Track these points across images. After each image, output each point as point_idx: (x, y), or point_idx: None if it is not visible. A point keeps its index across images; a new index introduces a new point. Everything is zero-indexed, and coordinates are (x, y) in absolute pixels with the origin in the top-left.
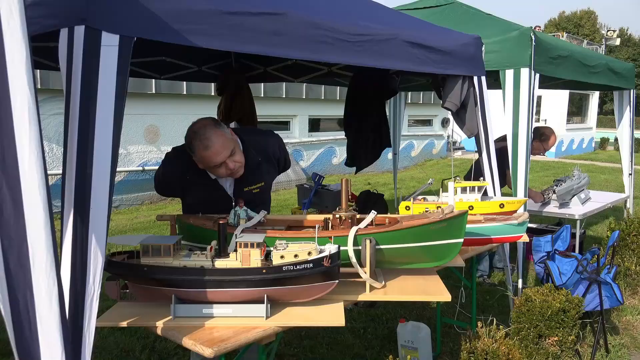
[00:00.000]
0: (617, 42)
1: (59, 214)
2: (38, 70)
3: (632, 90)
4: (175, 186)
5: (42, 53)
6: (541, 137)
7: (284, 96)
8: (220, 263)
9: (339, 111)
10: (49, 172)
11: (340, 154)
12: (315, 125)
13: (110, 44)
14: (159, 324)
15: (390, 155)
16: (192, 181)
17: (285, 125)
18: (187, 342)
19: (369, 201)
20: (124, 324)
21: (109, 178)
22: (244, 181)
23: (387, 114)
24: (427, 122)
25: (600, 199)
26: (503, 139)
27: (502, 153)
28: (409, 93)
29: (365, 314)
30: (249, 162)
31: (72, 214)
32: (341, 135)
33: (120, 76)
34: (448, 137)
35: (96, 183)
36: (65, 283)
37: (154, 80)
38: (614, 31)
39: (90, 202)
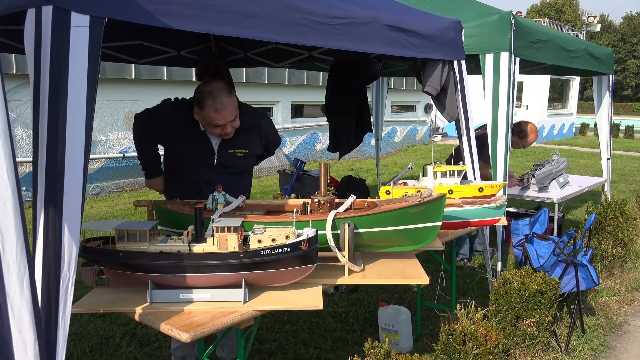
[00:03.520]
0: (598, 28)
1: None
2: (12, 55)
3: (610, 76)
4: (164, 123)
5: (17, 37)
6: (520, 134)
7: (266, 82)
8: (197, 248)
9: (322, 97)
10: (27, 158)
11: (324, 140)
12: (298, 111)
13: (80, 24)
14: (136, 310)
15: (373, 141)
16: (184, 125)
17: (267, 111)
18: (164, 328)
19: (350, 186)
20: (100, 310)
21: (83, 164)
22: (230, 142)
23: (370, 99)
24: (410, 108)
25: (578, 183)
26: (482, 127)
27: (478, 142)
28: (392, 79)
29: (347, 298)
30: (243, 124)
31: (45, 201)
32: (324, 121)
33: (92, 59)
34: (431, 122)
35: (69, 169)
36: (38, 269)
37: (133, 65)
38: (595, 17)
39: (64, 188)
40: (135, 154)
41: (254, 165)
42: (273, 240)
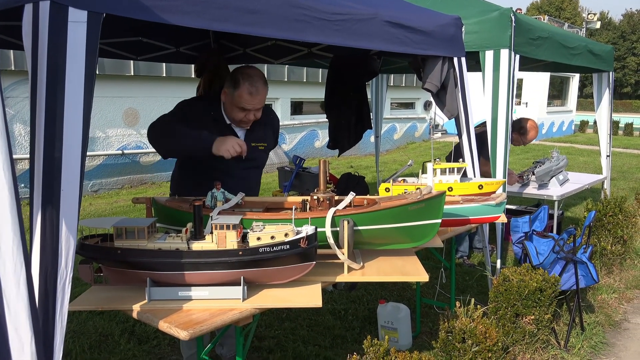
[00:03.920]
0: (598, 25)
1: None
2: (11, 51)
3: (610, 73)
4: (192, 115)
5: (15, 33)
6: (520, 131)
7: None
8: (196, 245)
9: (321, 94)
10: (26, 155)
11: (323, 137)
12: (297, 108)
13: (77, 20)
14: (134, 308)
15: (372, 138)
16: (212, 118)
17: None
18: (163, 325)
19: (349, 183)
20: (98, 307)
21: (80, 160)
22: (254, 135)
23: (369, 96)
24: (410, 105)
25: (578, 180)
26: (482, 124)
27: (478, 139)
28: (391, 76)
29: (346, 296)
30: (261, 118)
31: (42, 198)
32: (324, 118)
33: (90, 55)
34: (430, 119)
35: (66, 166)
36: (35, 267)
37: (132, 62)
38: (595, 14)
39: (61, 185)
40: (135, 152)
41: (267, 156)
42: (272, 237)
